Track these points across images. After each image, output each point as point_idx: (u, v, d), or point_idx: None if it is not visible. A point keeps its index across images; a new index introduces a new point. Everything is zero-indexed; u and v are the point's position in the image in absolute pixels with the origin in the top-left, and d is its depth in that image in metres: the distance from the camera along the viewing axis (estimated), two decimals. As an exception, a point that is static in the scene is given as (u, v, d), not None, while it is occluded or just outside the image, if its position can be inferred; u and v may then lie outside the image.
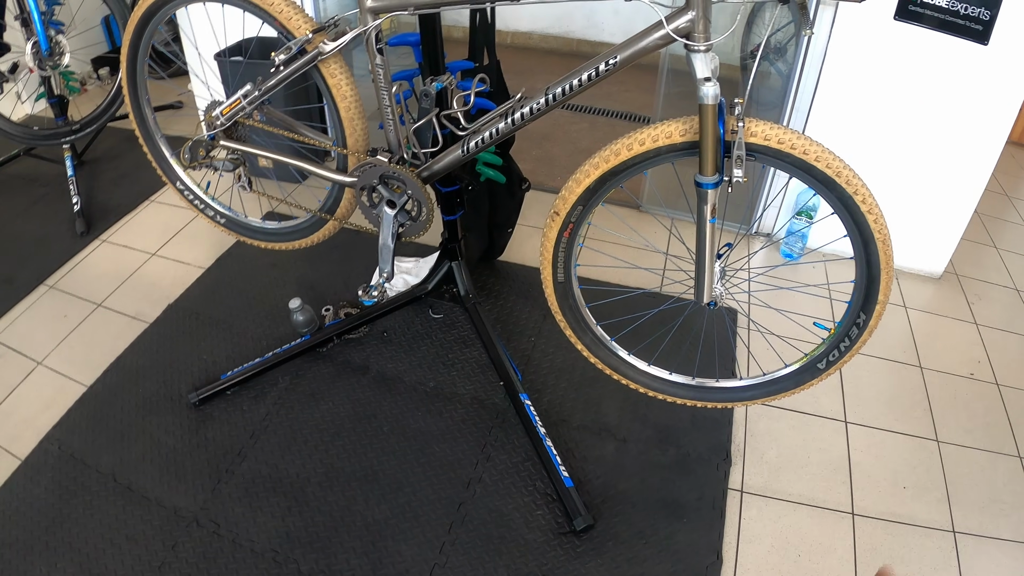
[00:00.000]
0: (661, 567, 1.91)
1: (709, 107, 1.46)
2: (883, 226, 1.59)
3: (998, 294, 3.10)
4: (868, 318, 1.72)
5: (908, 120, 2.71)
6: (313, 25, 1.79)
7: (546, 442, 2.06)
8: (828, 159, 1.51)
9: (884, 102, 2.70)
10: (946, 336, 2.81)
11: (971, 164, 2.78)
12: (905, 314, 2.88)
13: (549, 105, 1.66)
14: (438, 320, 2.51)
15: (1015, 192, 4.03)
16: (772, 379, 1.90)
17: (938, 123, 2.70)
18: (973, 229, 3.45)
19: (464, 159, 1.83)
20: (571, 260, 1.82)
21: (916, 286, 3.07)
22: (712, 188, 1.55)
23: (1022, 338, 2.85)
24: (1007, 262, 3.32)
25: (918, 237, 3.02)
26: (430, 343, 2.43)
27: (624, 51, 1.55)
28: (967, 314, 2.93)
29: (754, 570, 1.94)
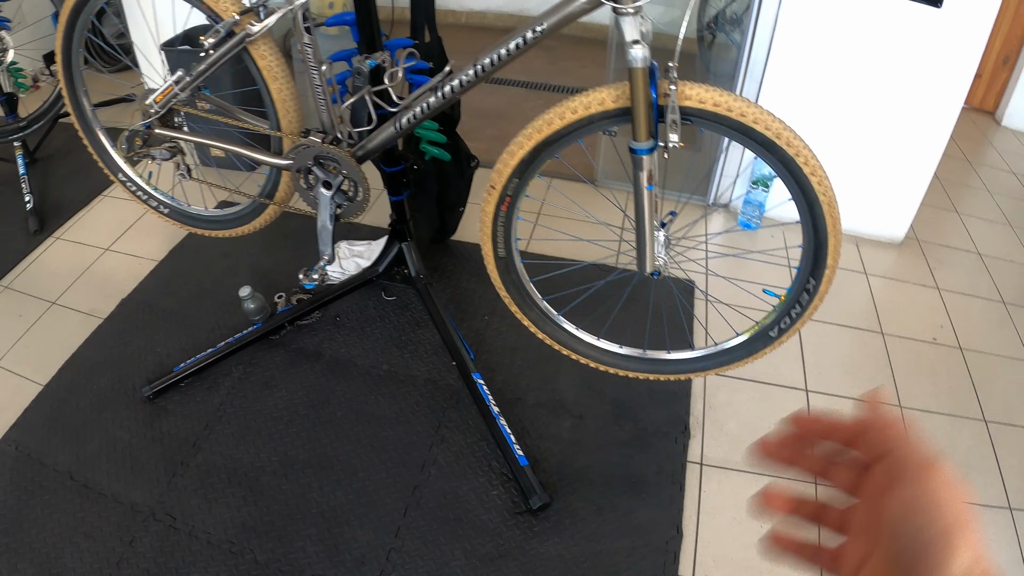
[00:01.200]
0: (620, 543, 1.85)
1: (639, 71, 1.39)
2: (827, 188, 1.52)
3: (959, 258, 3.04)
4: (818, 283, 1.66)
5: (864, 86, 2.65)
6: (240, 6, 1.72)
7: (500, 421, 1.99)
8: (767, 121, 1.44)
9: (838, 68, 2.63)
10: (908, 302, 2.75)
11: (929, 129, 2.71)
12: (866, 280, 2.82)
13: (479, 76, 1.59)
14: (391, 302, 2.44)
15: (976, 157, 3.97)
16: (724, 349, 1.84)
17: (894, 88, 2.64)
18: (934, 194, 3.39)
19: (398, 136, 1.76)
20: (511, 234, 1.75)
21: (877, 252, 3.01)
22: (647, 154, 1.49)
23: (984, 302, 2.80)
24: (968, 227, 3.26)
25: (878, 203, 2.96)
26: (383, 326, 2.36)
27: (550, 18, 1.49)
28: (929, 279, 2.87)
29: (716, 543, 1.88)
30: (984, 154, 4.04)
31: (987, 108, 4.50)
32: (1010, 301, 2.83)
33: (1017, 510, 2.07)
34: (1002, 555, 1.94)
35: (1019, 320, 2.75)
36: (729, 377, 2.28)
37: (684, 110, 1.45)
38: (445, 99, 1.64)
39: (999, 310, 2.78)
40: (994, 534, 1.99)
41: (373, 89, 1.74)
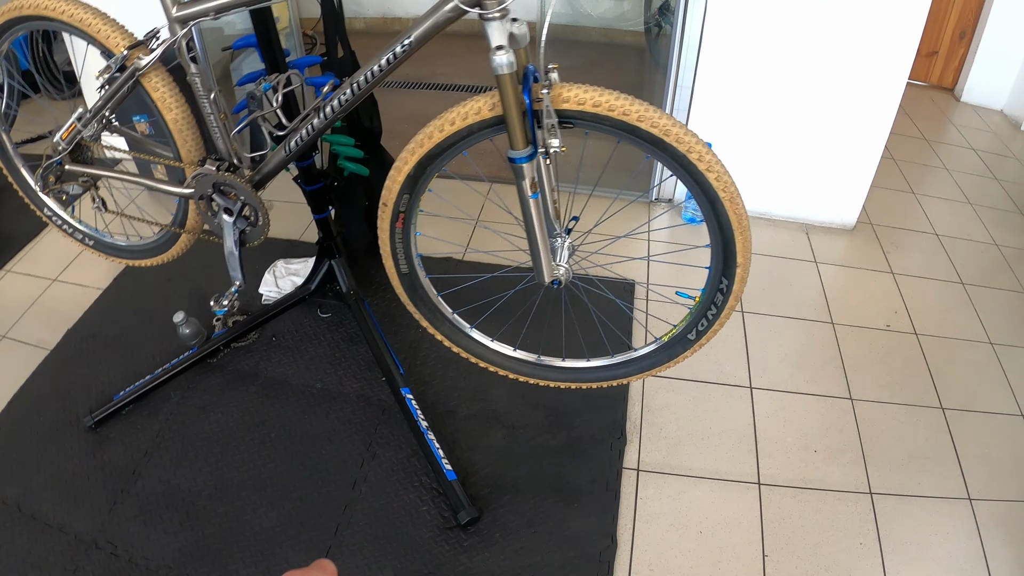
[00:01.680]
0: (552, 555, 1.80)
1: (504, 77, 1.34)
2: (727, 183, 1.45)
3: (916, 240, 2.94)
4: (731, 283, 1.58)
5: (803, 68, 2.57)
6: (130, 40, 1.69)
7: (428, 436, 1.95)
8: (653, 118, 1.37)
9: (775, 52, 2.55)
10: (860, 289, 2.66)
11: (873, 108, 2.63)
12: (815, 270, 2.73)
13: (355, 95, 1.55)
14: (327, 319, 2.39)
15: (935, 136, 3.86)
16: (644, 354, 1.79)
17: (834, 68, 2.55)
18: (890, 177, 3.29)
19: (289, 159, 1.72)
20: (411, 250, 1.70)
21: (827, 240, 2.92)
22: (525, 162, 1.43)
23: (941, 283, 2.70)
24: (926, 207, 3.16)
25: (826, 189, 2.88)
26: (318, 343, 2.31)
27: (417, 29, 1.44)
28: (883, 264, 2.77)
29: (652, 551, 1.82)
30: (943, 132, 3.93)
31: (946, 85, 4.39)
32: (969, 281, 2.73)
33: (976, 500, 1.99)
34: (961, 548, 1.86)
35: (978, 300, 2.65)
36: (668, 378, 2.21)
37: (563, 113, 1.40)
38: (327, 119, 1.60)
39: (957, 291, 2.68)
40: (953, 527, 1.91)
41: (263, 113, 1.68)
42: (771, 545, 1.83)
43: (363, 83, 1.50)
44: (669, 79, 2.63)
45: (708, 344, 1.64)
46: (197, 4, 1.55)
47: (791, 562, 1.80)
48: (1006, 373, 2.39)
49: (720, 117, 2.73)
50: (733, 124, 2.74)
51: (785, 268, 2.74)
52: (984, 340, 2.50)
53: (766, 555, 1.81)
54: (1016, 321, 2.61)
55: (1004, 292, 2.73)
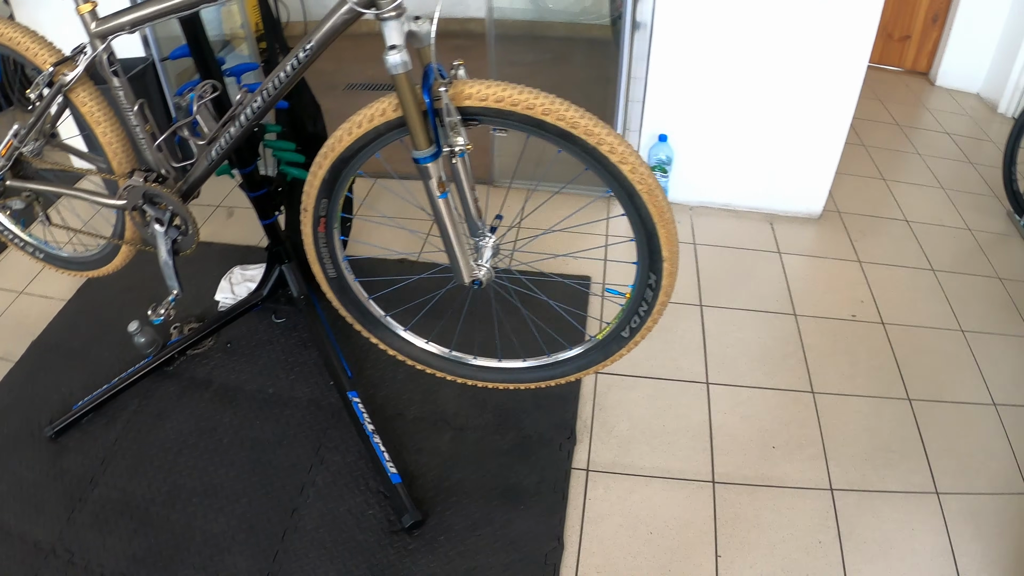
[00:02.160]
0: (496, 558, 1.76)
1: (400, 77, 1.30)
2: (644, 175, 1.38)
3: (885, 228, 2.85)
4: (659, 278, 1.52)
5: (759, 54, 2.51)
6: (57, 56, 1.67)
7: (373, 439, 1.92)
8: (559, 111, 1.32)
9: (729, 38, 2.49)
10: (825, 279, 2.58)
11: (835, 93, 2.56)
12: (779, 260, 2.66)
13: (266, 102, 1.50)
14: (281, 324, 2.36)
15: (909, 121, 3.76)
16: (579, 353, 1.73)
17: (792, 54, 2.49)
18: (860, 164, 3.20)
19: (213, 167, 1.68)
20: (336, 254, 1.66)
21: (793, 230, 2.86)
22: (429, 162, 1.38)
23: (911, 271, 2.61)
24: (897, 194, 3.07)
25: (790, 178, 2.81)
26: (272, 349, 2.29)
27: (316, 34, 1.40)
28: (849, 253, 2.69)
29: (600, 553, 1.78)
30: (917, 117, 3.83)
31: (920, 69, 4.29)
32: (940, 268, 2.64)
33: (944, 494, 1.92)
34: (928, 544, 1.80)
35: (950, 287, 2.56)
36: (621, 375, 2.16)
37: (467, 110, 1.35)
38: (243, 127, 1.56)
39: (927, 279, 2.60)
40: (919, 523, 1.85)
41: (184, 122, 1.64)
42: (725, 545, 1.78)
43: (271, 90, 1.47)
44: (621, 70, 2.58)
45: (666, 340, 1.59)
46: (114, 19, 1.52)
47: (745, 562, 1.74)
48: (977, 361, 2.31)
49: (677, 108, 2.67)
50: (691, 114, 2.68)
51: (747, 260, 2.67)
52: (954, 328, 2.42)
53: (719, 556, 1.76)
54: (989, 307, 2.52)
55: (977, 278, 2.64)
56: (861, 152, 3.33)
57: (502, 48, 2.90)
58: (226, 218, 2.77)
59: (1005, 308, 2.54)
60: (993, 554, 1.79)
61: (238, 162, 1.97)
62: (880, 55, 4.39)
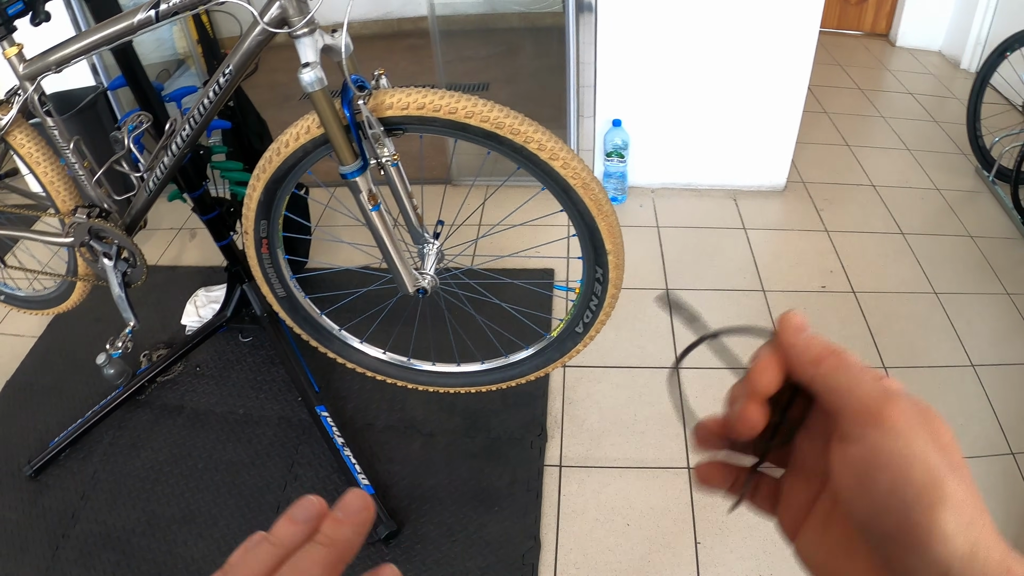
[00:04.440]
0: (473, 562, 1.76)
1: (316, 95, 1.28)
2: (577, 169, 1.37)
3: (852, 194, 2.83)
4: (605, 271, 1.51)
5: (708, 29, 2.48)
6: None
7: (344, 452, 1.91)
8: (483, 113, 1.31)
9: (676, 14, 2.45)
10: (792, 251, 2.56)
11: (788, 61, 2.54)
12: (744, 236, 2.64)
13: (195, 129, 1.49)
14: (247, 343, 2.34)
15: (871, 85, 3.72)
16: (535, 352, 1.73)
17: (742, 25, 2.47)
18: (822, 131, 3.17)
19: (152, 197, 1.67)
20: (283, 273, 1.65)
21: (757, 204, 2.84)
22: (356, 176, 1.36)
23: (879, 236, 2.59)
24: (862, 159, 3.03)
25: (750, 152, 2.78)
26: (241, 369, 2.28)
27: (234, 57, 1.39)
28: (816, 223, 2.67)
29: (578, 549, 1.77)
30: (879, 80, 3.79)
31: (880, 31, 4.25)
32: (909, 231, 2.61)
33: None
34: None
35: (920, 249, 2.54)
36: (588, 367, 2.14)
37: (389, 120, 1.35)
38: (177, 155, 1.55)
39: (897, 243, 2.57)
40: None
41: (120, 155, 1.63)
42: (703, 531, 1.77)
43: (198, 117, 1.47)
44: (569, 56, 2.54)
45: (633, 327, 1.57)
46: (40, 60, 1.50)
47: (725, 547, 1.73)
48: (952, 322, 2.29)
49: (629, 91, 2.64)
50: (644, 96, 2.65)
51: (712, 239, 2.65)
52: (927, 291, 2.40)
53: (698, 542, 1.75)
54: (961, 267, 2.50)
55: (947, 238, 2.62)
56: (823, 120, 3.29)
57: (454, 44, 2.88)
58: (189, 240, 2.76)
59: (978, 266, 2.52)
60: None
61: (187, 187, 1.95)
62: (838, 20, 4.37)
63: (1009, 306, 2.37)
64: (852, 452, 0.34)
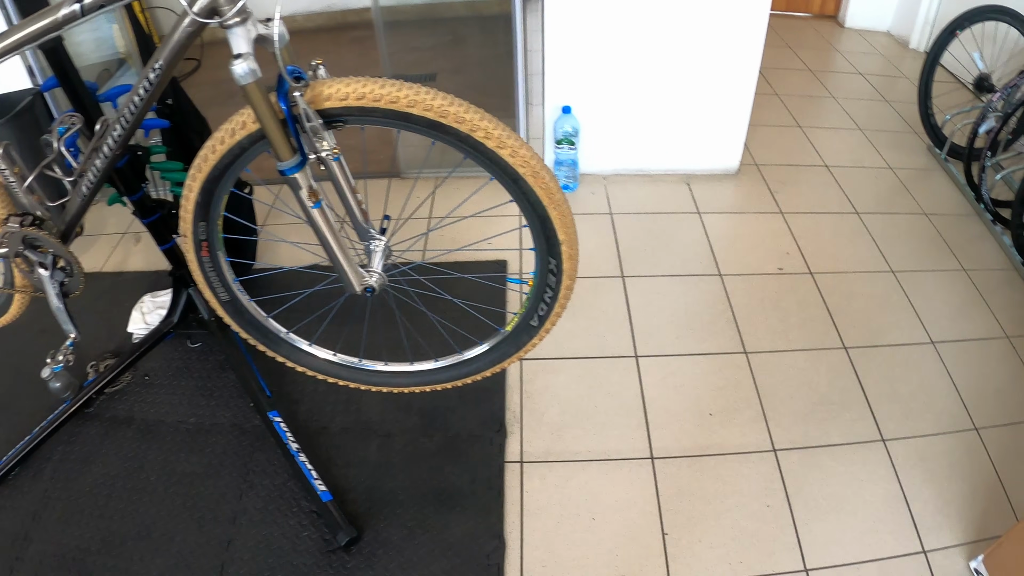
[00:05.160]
0: (437, 565, 1.70)
1: (249, 87, 1.21)
2: (526, 157, 1.31)
3: (805, 175, 2.81)
4: (559, 262, 1.46)
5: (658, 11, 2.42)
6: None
7: (299, 458, 1.85)
8: (425, 101, 1.25)
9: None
10: (748, 235, 2.54)
11: (739, 43, 2.51)
12: (699, 221, 2.61)
13: (126, 128, 1.42)
14: (196, 349, 2.26)
15: (821, 66, 3.72)
16: (491, 347, 1.68)
17: (691, 7, 2.40)
18: (774, 113, 3.16)
19: (86, 202, 1.58)
20: (225, 276, 1.58)
21: (711, 188, 2.81)
22: (295, 172, 1.30)
23: (835, 217, 2.57)
24: (814, 140, 3.02)
25: (703, 135, 2.75)
26: (190, 376, 2.20)
27: (164, 52, 1.31)
28: (771, 205, 2.65)
29: (543, 546, 1.72)
30: (829, 61, 3.80)
31: (829, 13, 4.27)
32: (864, 210, 2.60)
33: (891, 440, 1.90)
34: (879, 494, 1.78)
35: (876, 228, 2.53)
36: (546, 359, 2.10)
37: (328, 112, 1.28)
38: (109, 157, 1.46)
39: (852, 222, 2.56)
40: (867, 473, 1.82)
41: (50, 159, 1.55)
42: (670, 522, 1.73)
43: (129, 116, 1.39)
44: (516, 43, 2.48)
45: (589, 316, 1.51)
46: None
47: (693, 537, 1.70)
48: (910, 299, 2.29)
49: (579, 77, 2.59)
50: (594, 82, 2.60)
51: (666, 224, 2.62)
52: (884, 269, 2.39)
53: (666, 533, 1.71)
54: (917, 244, 2.50)
55: (902, 216, 2.62)
56: (775, 102, 3.29)
57: (400, 35, 2.80)
58: (134, 245, 2.66)
59: (933, 243, 2.52)
60: (947, 495, 1.77)
61: (125, 189, 1.87)
62: (787, 2, 4.36)
63: (965, 282, 2.37)
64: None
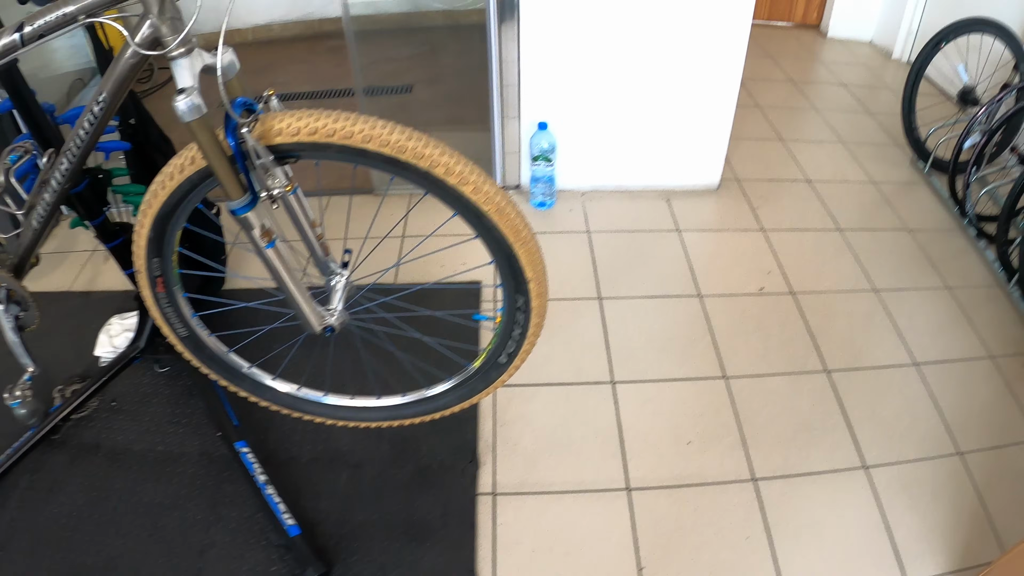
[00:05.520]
0: (407, 602, 1.63)
1: (193, 124, 1.14)
2: (490, 194, 1.26)
3: (787, 190, 2.76)
4: (527, 299, 1.40)
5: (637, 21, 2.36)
6: None
7: (266, 491, 1.79)
8: (381, 136, 1.19)
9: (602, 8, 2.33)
10: (729, 253, 2.48)
11: (719, 56, 2.45)
12: (679, 239, 2.55)
13: (72, 162, 1.37)
14: (165, 374, 2.20)
15: (803, 76, 3.66)
16: (459, 382, 1.62)
17: (672, 18, 2.36)
18: (755, 126, 3.10)
19: (39, 235, 1.53)
20: (183, 311, 1.52)
21: (691, 204, 2.75)
22: (246, 212, 1.24)
23: (817, 234, 2.52)
24: (796, 153, 2.97)
25: (682, 150, 2.68)
26: (158, 401, 2.14)
27: (107, 85, 1.26)
28: (751, 222, 2.59)
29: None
30: (811, 72, 3.74)
31: (811, 22, 4.22)
32: (847, 226, 2.55)
33: (873, 467, 1.85)
34: (860, 522, 1.73)
35: (858, 245, 2.48)
36: (520, 386, 2.04)
37: (279, 148, 1.21)
38: (58, 189, 1.41)
39: (834, 240, 2.51)
40: (849, 501, 1.78)
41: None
42: (647, 555, 1.68)
43: (75, 150, 1.34)
44: (491, 55, 2.42)
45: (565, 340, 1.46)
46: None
47: (670, 570, 1.65)
48: (893, 319, 2.24)
49: (555, 89, 2.51)
50: (571, 95, 2.53)
51: (645, 242, 2.55)
52: (867, 288, 2.34)
53: (642, 567, 1.66)
54: (900, 262, 2.45)
55: (885, 232, 2.57)
56: (756, 114, 3.23)
57: (376, 45, 2.73)
58: (104, 263, 2.59)
59: (915, 260, 2.47)
60: (930, 522, 1.73)
61: (86, 214, 1.81)
62: (769, 11, 4.31)
63: (948, 300, 2.32)
64: None
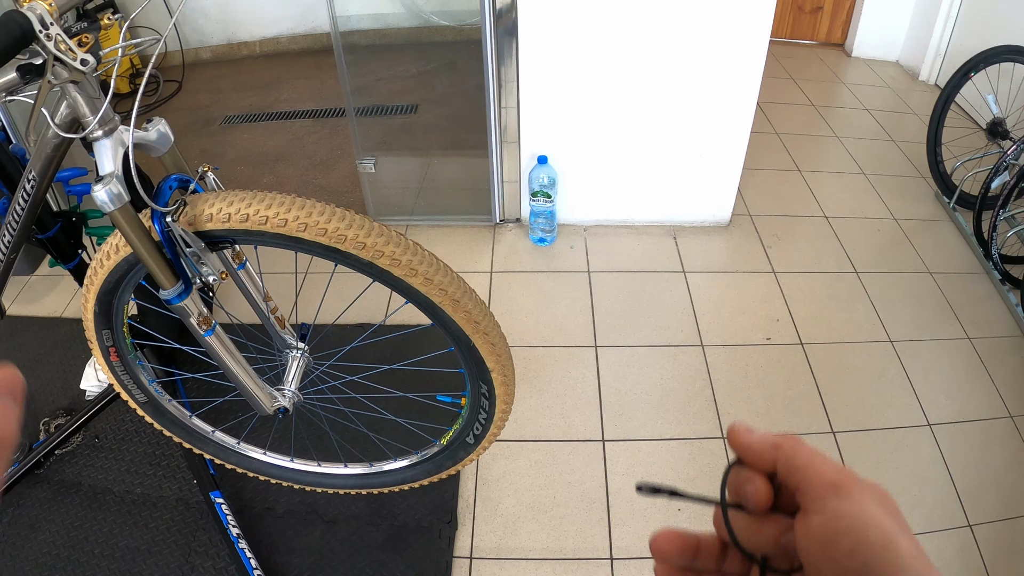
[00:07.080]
0: (375, 672, 1.53)
1: (113, 215, 1.03)
2: (442, 285, 1.14)
3: (802, 228, 2.55)
4: (491, 387, 1.28)
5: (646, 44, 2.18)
6: None
7: (239, 544, 1.71)
8: (318, 225, 1.09)
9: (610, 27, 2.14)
10: (736, 297, 2.30)
11: (733, 84, 2.26)
12: (683, 281, 2.37)
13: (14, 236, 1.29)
14: (148, 413, 2.11)
15: (824, 100, 3.42)
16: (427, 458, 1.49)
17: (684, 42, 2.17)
18: (772, 155, 2.88)
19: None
20: (140, 379, 1.43)
21: (699, 242, 2.57)
22: (180, 301, 1.12)
23: (831, 277, 2.33)
24: (813, 185, 2.75)
25: (692, 184, 2.48)
26: (139, 441, 2.06)
27: (36, 166, 1.19)
28: (763, 263, 2.40)
29: (489, 656, 1.54)
30: (834, 94, 3.50)
31: (835, 41, 3.96)
32: (864, 269, 2.36)
33: None
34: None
35: (875, 290, 2.28)
36: (506, 441, 1.91)
37: (211, 235, 1.09)
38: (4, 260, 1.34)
39: (850, 283, 2.32)
40: None
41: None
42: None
43: (15, 223, 1.25)
44: (489, 80, 2.24)
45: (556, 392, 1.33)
46: None
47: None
48: (908, 373, 2.06)
49: (556, 117, 2.33)
50: (573, 124, 2.34)
51: (647, 284, 2.38)
52: (882, 339, 2.16)
53: (623, 646, 1.53)
54: (919, 308, 2.25)
55: (904, 275, 2.37)
56: (773, 141, 3.02)
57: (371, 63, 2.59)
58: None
59: (935, 307, 2.27)
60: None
61: (61, 258, 1.72)
62: (791, 29, 4.08)
63: (968, 352, 2.13)
64: (815, 522, 0.35)
